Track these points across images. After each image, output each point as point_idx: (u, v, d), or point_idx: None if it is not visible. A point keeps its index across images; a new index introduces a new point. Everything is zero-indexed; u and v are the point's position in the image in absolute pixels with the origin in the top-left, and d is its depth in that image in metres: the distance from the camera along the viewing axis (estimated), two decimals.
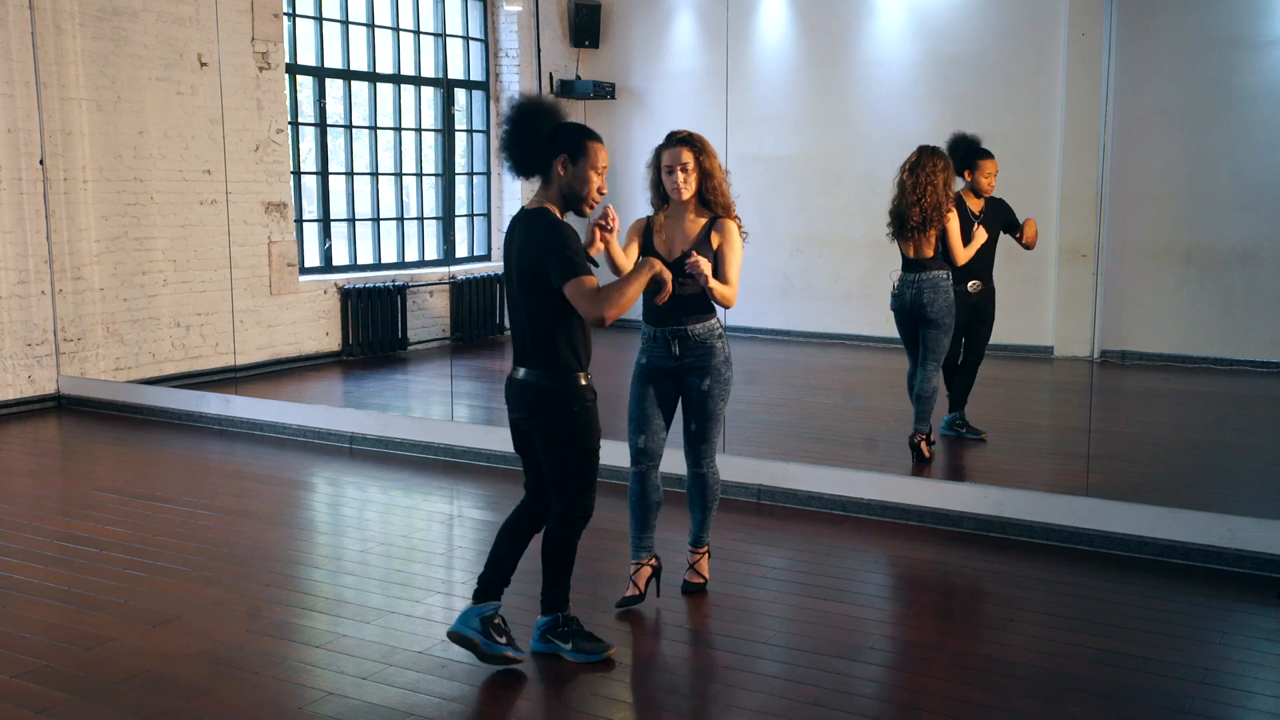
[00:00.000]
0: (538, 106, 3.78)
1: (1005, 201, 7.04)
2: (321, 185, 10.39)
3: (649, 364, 4.34)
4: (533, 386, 3.75)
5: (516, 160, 3.80)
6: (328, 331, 10.15)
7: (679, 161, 4.25)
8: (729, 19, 10.96)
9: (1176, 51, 9.53)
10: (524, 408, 3.79)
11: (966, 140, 7.02)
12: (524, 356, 3.78)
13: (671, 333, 4.26)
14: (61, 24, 8.15)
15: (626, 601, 4.34)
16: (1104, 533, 5.04)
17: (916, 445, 6.44)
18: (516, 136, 3.76)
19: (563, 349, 3.72)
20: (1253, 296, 9.45)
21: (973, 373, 7.01)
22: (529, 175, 3.82)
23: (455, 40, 11.63)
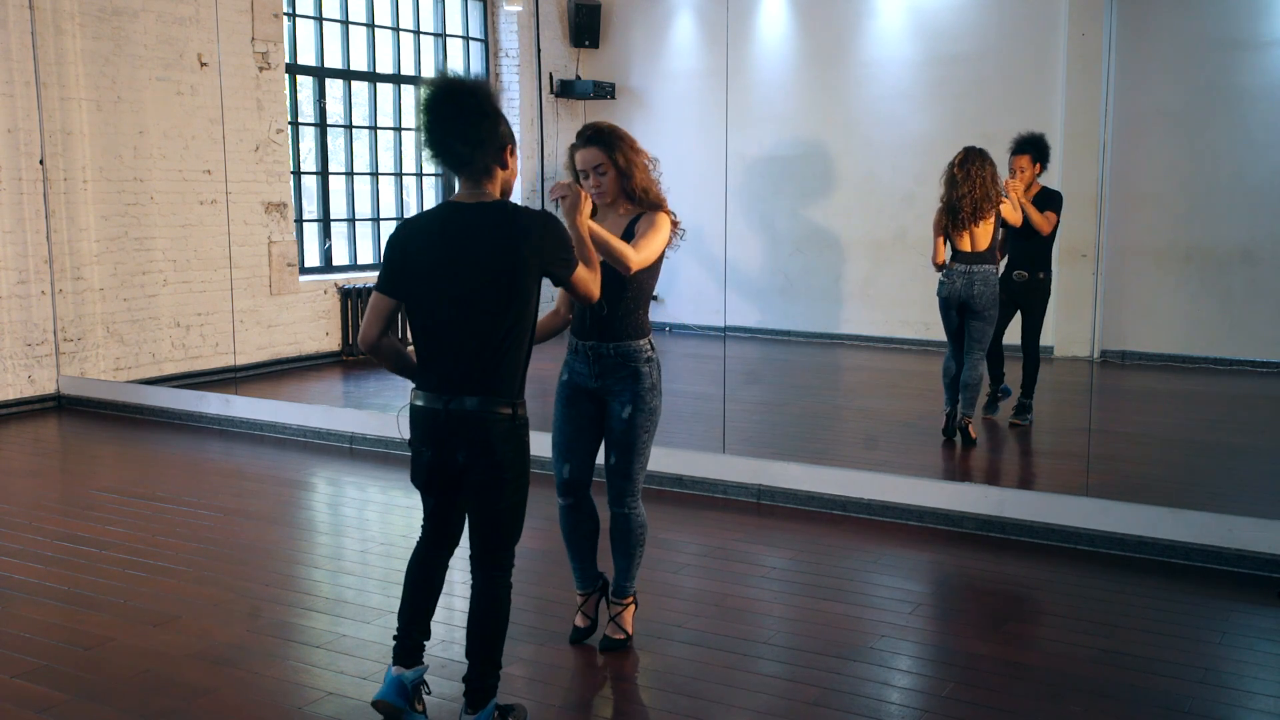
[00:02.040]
0: (477, 87, 3.14)
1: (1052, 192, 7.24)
2: (321, 185, 10.39)
3: (570, 380, 3.87)
4: (485, 418, 3.14)
5: (467, 152, 3.11)
6: (328, 331, 10.15)
7: (592, 164, 3.76)
8: (729, 19, 10.96)
9: (1176, 51, 9.53)
10: (469, 444, 3.16)
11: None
12: (469, 382, 3.14)
13: (591, 349, 3.79)
14: (61, 24, 8.15)
15: (579, 635, 4.04)
16: (1104, 533, 5.04)
17: (964, 428, 6.78)
18: (466, 124, 3.10)
19: (520, 371, 3.20)
20: (1253, 296, 9.46)
21: (1031, 360, 7.25)
22: (474, 168, 3.15)
23: (455, 40, 11.63)
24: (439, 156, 3.14)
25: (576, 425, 3.85)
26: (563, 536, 4.01)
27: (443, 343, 3.17)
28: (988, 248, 6.83)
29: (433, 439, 3.21)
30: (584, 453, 3.87)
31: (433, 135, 3.11)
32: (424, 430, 3.23)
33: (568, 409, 3.87)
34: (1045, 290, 7.16)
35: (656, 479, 5.96)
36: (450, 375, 3.16)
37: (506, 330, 3.13)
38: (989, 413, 7.33)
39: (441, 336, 3.17)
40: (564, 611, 4.35)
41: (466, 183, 3.18)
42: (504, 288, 3.11)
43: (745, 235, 11.07)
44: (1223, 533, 4.83)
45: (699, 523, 5.51)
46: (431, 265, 3.14)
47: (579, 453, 3.86)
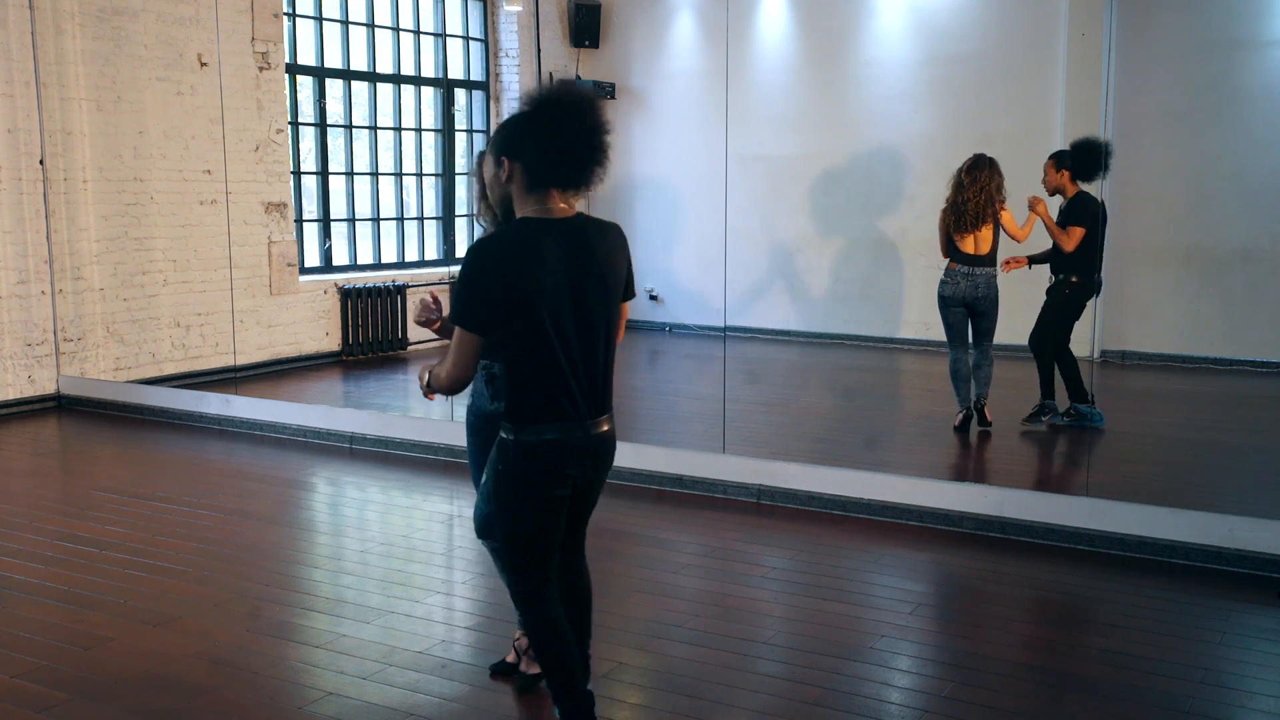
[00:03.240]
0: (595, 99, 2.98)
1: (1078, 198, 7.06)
2: (321, 185, 10.39)
3: (470, 408, 3.61)
4: (614, 438, 3.09)
5: (603, 170, 2.96)
6: (328, 331, 10.15)
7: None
8: (729, 19, 10.96)
9: (1176, 51, 9.53)
10: (603, 465, 3.07)
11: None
12: (602, 403, 3.02)
13: (485, 367, 3.52)
14: (61, 24, 8.15)
15: (503, 668, 3.79)
16: (1104, 533, 5.04)
17: (980, 409, 7.09)
18: (605, 138, 2.94)
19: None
20: (1253, 296, 9.46)
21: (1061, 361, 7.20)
22: (591, 183, 2.98)
23: (455, 40, 11.63)
24: (581, 172, 2.92)
25: (484, 452, 3.51)
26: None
27: (575, 365, 2.94)
28: (989, 251, 7.02)
29: (583, 467, 3.01)
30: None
31: (590, 147, 2.91)
32: (561, 461, 2.96)
33: (472, 436, 3.64)
34: (1070, 295, 7.02)
35: (657, 479, 5.97)
36: (584, 399, 2.97)
37: (614, 345, 3.06)
38: (1033, 423, 7.20)
39: (574, 359, 2.94)
40: None
41: (561, 196, 2.96)
42: (619, 303, 3.04)
43: (745, 235, 11.07)
44: (1223, 533, 4.83)
45: (699, 523, 5.52)
46: (561, 286, 2.88)
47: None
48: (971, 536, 5.27)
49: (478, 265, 2.86)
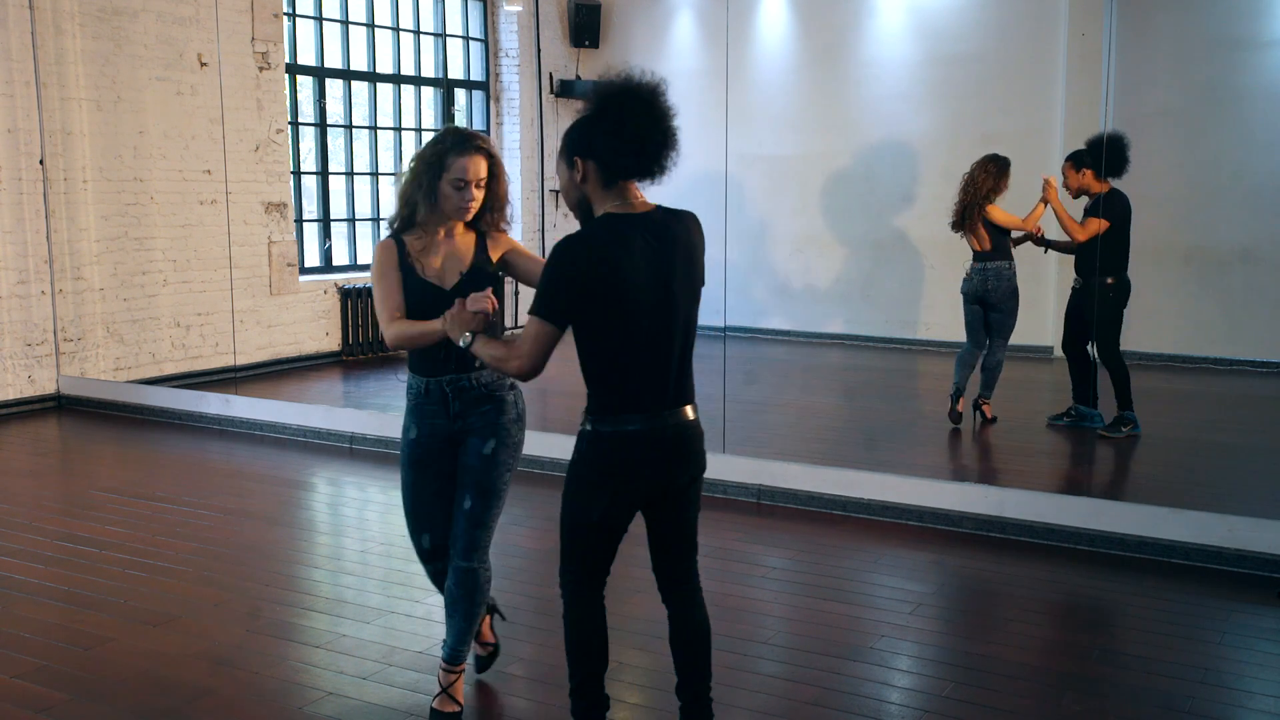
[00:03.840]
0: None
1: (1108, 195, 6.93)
2: (321, 185, 10.39)
3: (420, 437, 3.41)
4: (699, 428, 3.08)
5: (673, 161, 3.00)
6: (328, 331, 10.15)
7: (479, 176, 3.33)
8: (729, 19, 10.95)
9: (1176, 51, 9.52)
10: (690, 458, 3.06)
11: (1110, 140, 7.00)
12: (684, 393, 3.02)
13: (450, 383, 3.36)
14: (61, 24, 8.15)
15: (485, 662, 3.77)
16: (1104, 533, 5.04)
17: (979, 407, 7.24)
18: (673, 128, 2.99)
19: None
20: (1253, 296, 9.45)
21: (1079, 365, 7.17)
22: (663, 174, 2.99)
23: (455, 40, 11.63)
24: (655, 159, 2.93)
25: (434, 487, 3.42)
26: (446, 602, 3.46)
27: (659, 356, 2.95)
28: (992, 247, 7.09)
29: (652, 462, 2.98)
30: (445, 515, 3.43)
31: (662, 133, 2.94)
32: (641, 455, 2.96)
33: (420, 471, 3.43)
34: (1103, 297, 6.89)
35: None
36: (665, 390, 2.96)
37: (694, 334, 3.07)
38: (1056, 422, 7.20)
39: (659, 350, 2.94)
40: None
41: (633, 188, 2.97)
42: (699, 291, 3.05)
43: (745, 235, 11.07)
44: (1223, 533, 4.83)
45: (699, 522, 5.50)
46: (648, 279, 2.90)
47: (438, 518, 3.44)
48: (971, 536, 5.27)
49: (566, 259, 2.86)
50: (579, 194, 2.97)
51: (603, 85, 2.95)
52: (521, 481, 6.22)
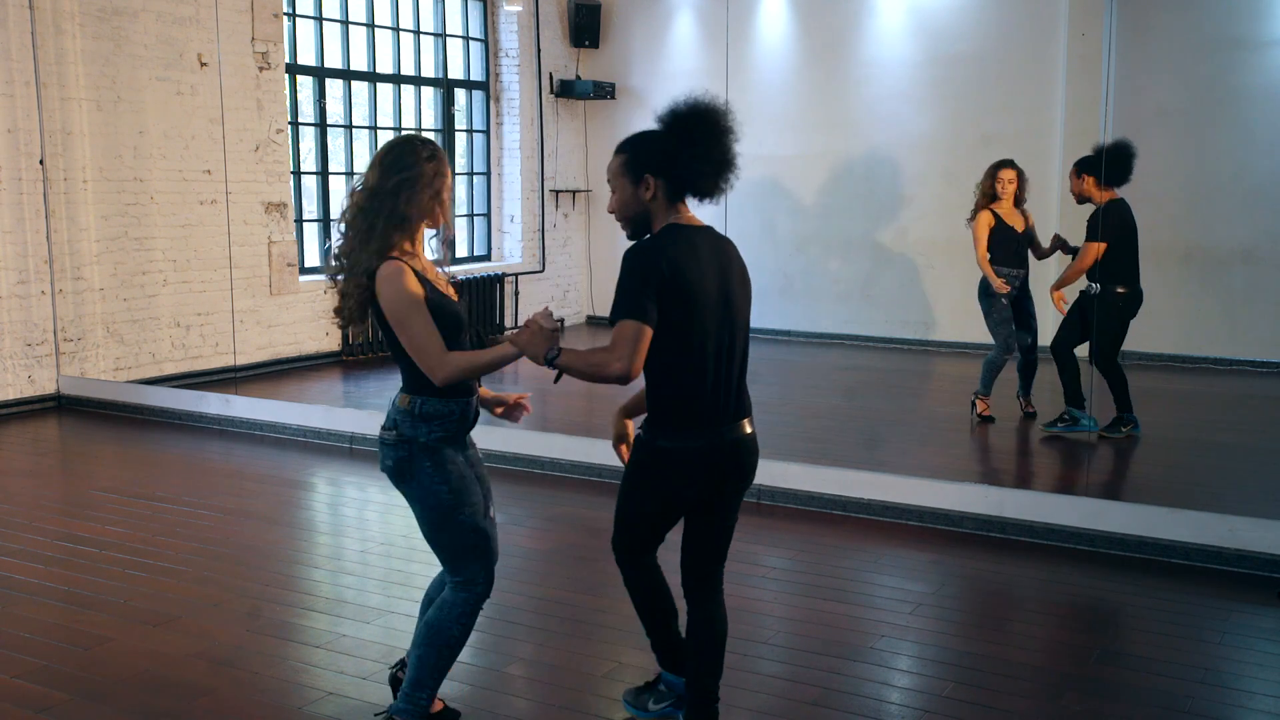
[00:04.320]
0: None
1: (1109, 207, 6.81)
2: (321, 185, 10.39)
3: (466, 459, 3.26)
4: (755, 441, 3.22)
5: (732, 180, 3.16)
6: (328, 331, 10.15)
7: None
8: (729, 19, 10.95)
9: (1176, 51, 9.53)
10: (742, 471, 3.20)
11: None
12: (741, 407, 3.16)
13: (474, 401, 3.30)
14: (61, 24, 8.15)
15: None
16: (1104, 533, 5.04)
17: (973, 404, 7.36)
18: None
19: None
20: (1253, 296, 9.46)
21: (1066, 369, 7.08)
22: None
23: (455, 40, 11.63)
24: (725, 180, 3.12)
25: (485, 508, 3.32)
26: (452, 645, 3.24)
27: (721, 367, 3.06)
28: (1013, 252, 7.26)
29: (708, 474, 3.11)
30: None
31: (732, 157, 3.13)
32: (699, 469, 3.08)
33: (477, 496, 3.24)
34: (1113, 306, 6.77)
35: None
36: (727, 404, 3.09)
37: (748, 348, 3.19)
38: (1051, 429, 7.03)
39: (721, 361, 3.06)
40: (563, 611, 4.36)
41: (685, 207, 3.13)
42: (750, 307, 3.18)
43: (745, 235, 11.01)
44: (1223, 533, 4.83)
45: None
46: (712, 288, 3.02)
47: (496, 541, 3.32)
48: (971, 536, 5.27)
49: (644, 261, 2.96)
50: (639, 209, 3.09)
51: (676, 107, 3.12)
52: (521, 481, 6.24)
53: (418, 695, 3.19)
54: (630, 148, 3.12)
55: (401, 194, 3.09)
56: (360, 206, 3.15)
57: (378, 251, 3.11)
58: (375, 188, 3.12)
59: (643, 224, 3.11)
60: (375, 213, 3.11)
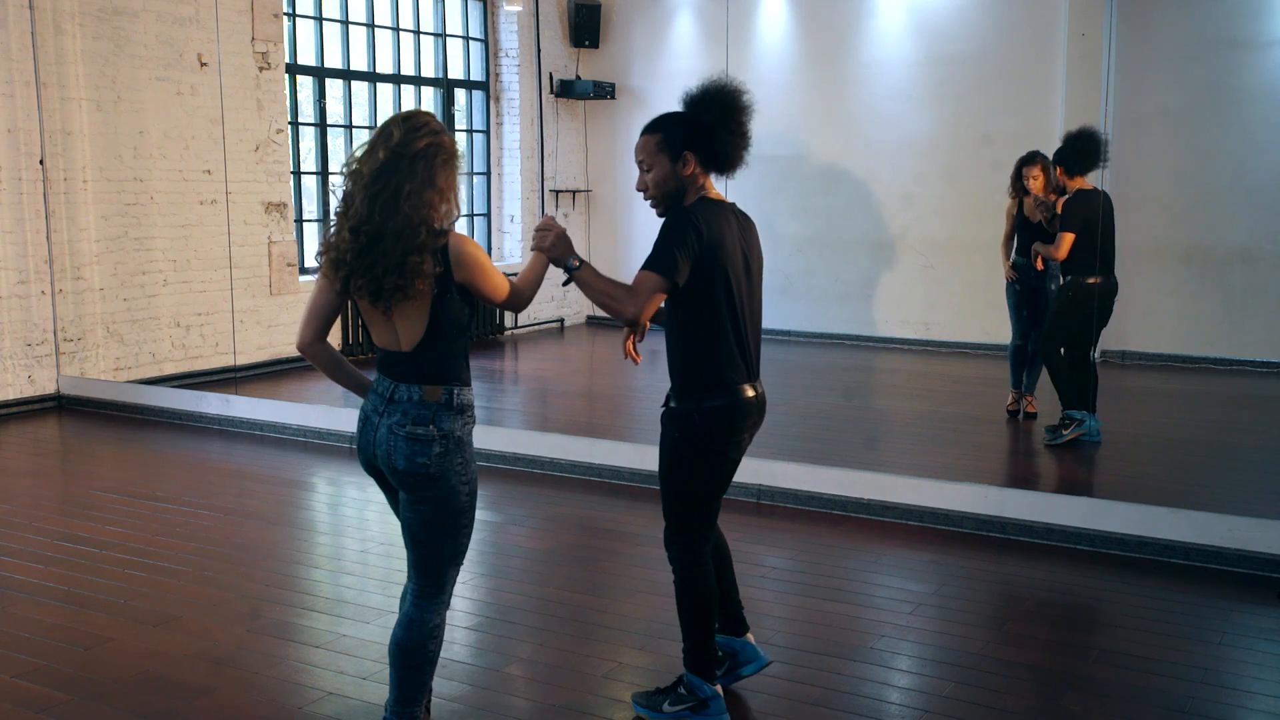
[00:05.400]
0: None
1: (1058, 201, 6.89)
2: (321, 185, 10.39)
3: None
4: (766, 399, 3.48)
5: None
6: None
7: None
8: (729, 19, 10.95)
9: (1176, 51, 9.53)
10: (759, 425, 3.46)
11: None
12: (758, 365, 3.44)
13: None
14: (61, 24, 8.15)
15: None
16: (1104, 533, 5.04)
17: (1018, 403, 7.49)
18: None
19: None
20: (1253, 296, 9.46)
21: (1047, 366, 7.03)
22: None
23: (455, 40, 11.63)
24: (741, 152, 3.38)
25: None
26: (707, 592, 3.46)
27: (744, 330, 3.33)
28: (1027, 244, 7.27)
29: (747, 429, 3.37)
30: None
31: (746, 130, 3.40)
32: (745, 420, 3.34)
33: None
34: (1065, 293, 6.81)
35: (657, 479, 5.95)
36: (750, 364, 3.36)
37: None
38: (1053, 438, 6.83)
39: (743, 324, 3.33)
40: (563, 611, 4.35)
41: (710, 182, 3.38)
42: (762, 284, 3.43)
43: None
44: (1223, 533, 4.83)
45: None
46: (741, 261, 3.32)
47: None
48: (971, 536, 5.27)
49: (686, 224, 3.19)
50: (676, 184, 3.30)
51: (701, 89, 3.35)
52: (521, 481, 6.24)
53: (410, 709, 3.11)
54: (666, 125, 3.32)
55: (455, 173, 3.02)
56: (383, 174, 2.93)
57: (448, 222, 3.00)
58: (400, 152, 2.93)
59: (676, 199, 3.31)
60: (449, 187, 2.99)
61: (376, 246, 2.89)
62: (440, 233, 2.95)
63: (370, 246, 2.89)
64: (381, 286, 2.89)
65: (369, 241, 2.90)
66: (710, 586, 3.41)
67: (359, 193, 2.94)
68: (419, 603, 3.10)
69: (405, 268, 2.86)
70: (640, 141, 3.36)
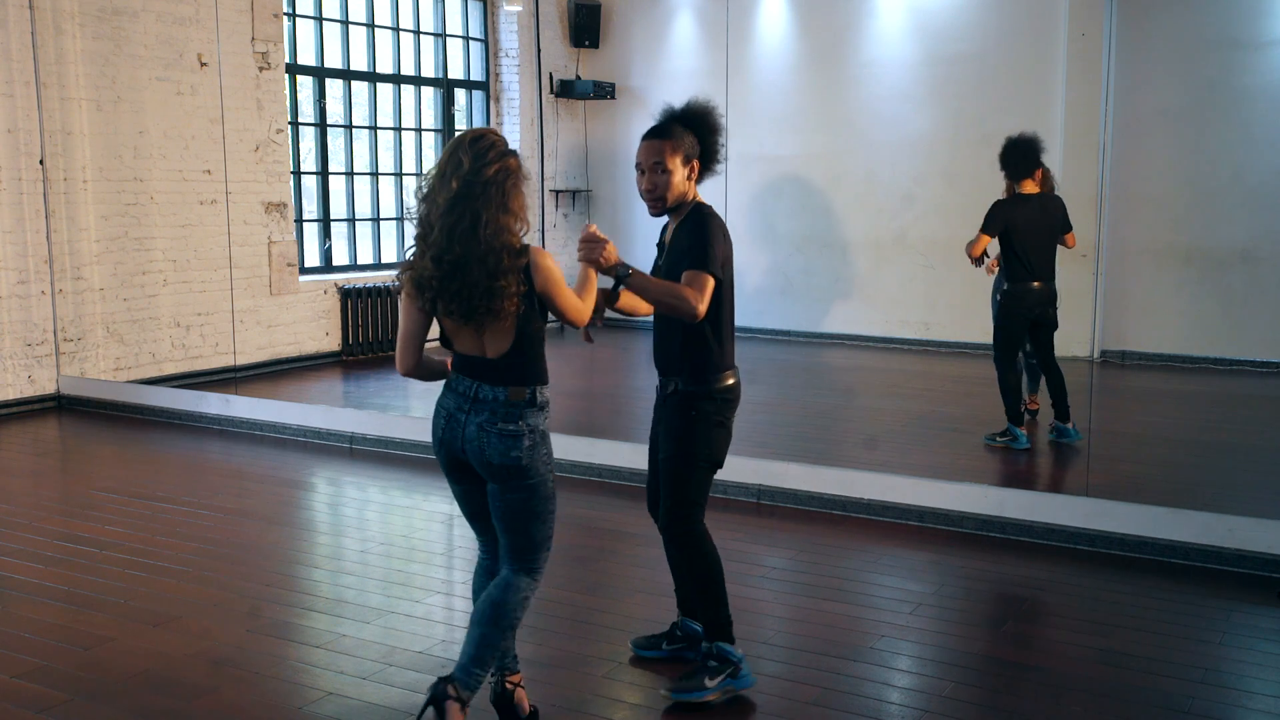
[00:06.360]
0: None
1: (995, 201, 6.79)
2: (321, 185, 10.39)
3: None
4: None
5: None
6: (328, 331, 10.15)
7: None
8: (729, 19, 10.96)
9: (1176, 51, 9.53)
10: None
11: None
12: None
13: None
14: (61, 24, 8.15)
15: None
16: (1104, 533, 5.04)
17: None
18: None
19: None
20: (1253, 296, 9.45)
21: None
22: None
23: (455, 40, 11.63)
24: (715, 167, 3.71)
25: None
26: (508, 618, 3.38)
27: (734, 320, 3.70)
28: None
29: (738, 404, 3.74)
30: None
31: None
32: (739, 400, 3.71)
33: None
34: (1002, 302, 6.77)
35: None
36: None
37: None
38: (989, 441, 6.87)
39: (733, 314, 3.69)
40: (563, 611, 4.35)
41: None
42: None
43: (745, 235, 11.06)
44: (1223, 533, 4.83)
45: None
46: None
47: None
48: (971, 536, 5.26)
49: (718, 226, 3.55)
50: (683, 189, 3.59)
51: (701, 104, 3.65)
52: None
53: (478, 672, 3.21)
54: (679, 133, 3.55)
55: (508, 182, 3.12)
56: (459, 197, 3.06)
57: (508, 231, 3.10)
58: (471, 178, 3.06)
59: (678, 204, 3.60)
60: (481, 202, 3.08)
61: (461, 274, 3.05)
62: (520, 251, 3.11)
63: (454, 274, 3.05)
64: (474, 310, 3.08)
65: (452, 269, 3.05)
66: (717, 555, 3.64)
67: (436, 221, 3.09)
68: (514, 570, 3.28)
69: (494, 293, 3.05)
70: (654, 145, 3.56)
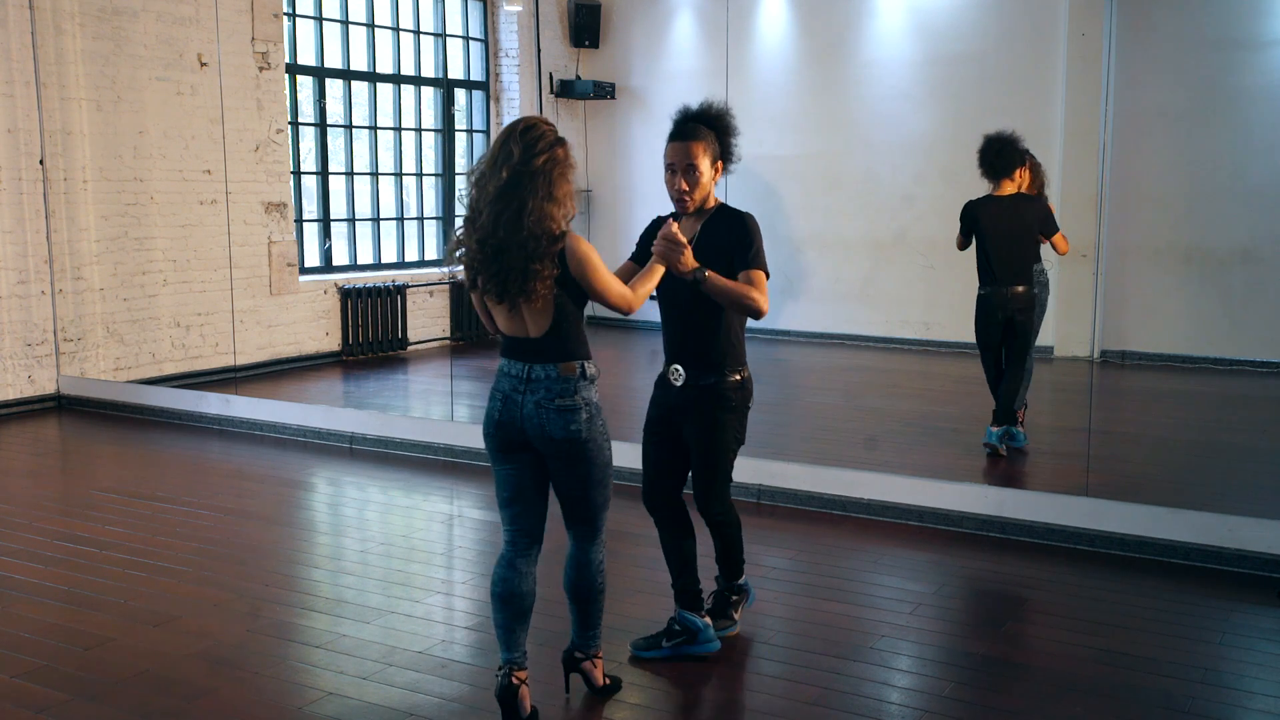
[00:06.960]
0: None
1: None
2: (321, 185, 10.39)
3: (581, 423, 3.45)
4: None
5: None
6: (328, 331, 10.15)
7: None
8: (729, 19, 10.96)
9: (1176, 51, 9.53)
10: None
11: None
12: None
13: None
14: (61, 24, 8.15)
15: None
16: (1104, 533, 5.04)
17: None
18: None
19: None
20: (1253, 296, 9.45)
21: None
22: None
23: (455, 40, 11.63)
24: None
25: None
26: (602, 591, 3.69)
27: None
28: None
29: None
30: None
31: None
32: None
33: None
34: (978, 303, 6.68)
35: None
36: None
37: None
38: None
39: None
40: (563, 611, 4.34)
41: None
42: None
43: None
44: (1223, 533, 4.83)
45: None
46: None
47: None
48: (971, 536, 5.27)
49: (758, 226, 3.77)
50: (710, 188, 3.77)
51: (716, 107, 3.78)
52: None
53: (592, 634, 3.63)
54: (707, 136, 3.70)
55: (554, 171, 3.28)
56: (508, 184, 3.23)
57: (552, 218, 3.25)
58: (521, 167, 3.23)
59: (702, 202, 3.77)
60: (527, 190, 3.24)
61: (502, 257, 3.22)
62: (558, 237, 3.26)
63: (496, 257, 3.22)
64: (507, 289, 3.23)
65: (494, 252, 3.22)
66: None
67: (485, 208, 3.25)
68: (581, 545, 3.53)
69: (527, 274, 3.20)
70: (687, 146, 3.70)
